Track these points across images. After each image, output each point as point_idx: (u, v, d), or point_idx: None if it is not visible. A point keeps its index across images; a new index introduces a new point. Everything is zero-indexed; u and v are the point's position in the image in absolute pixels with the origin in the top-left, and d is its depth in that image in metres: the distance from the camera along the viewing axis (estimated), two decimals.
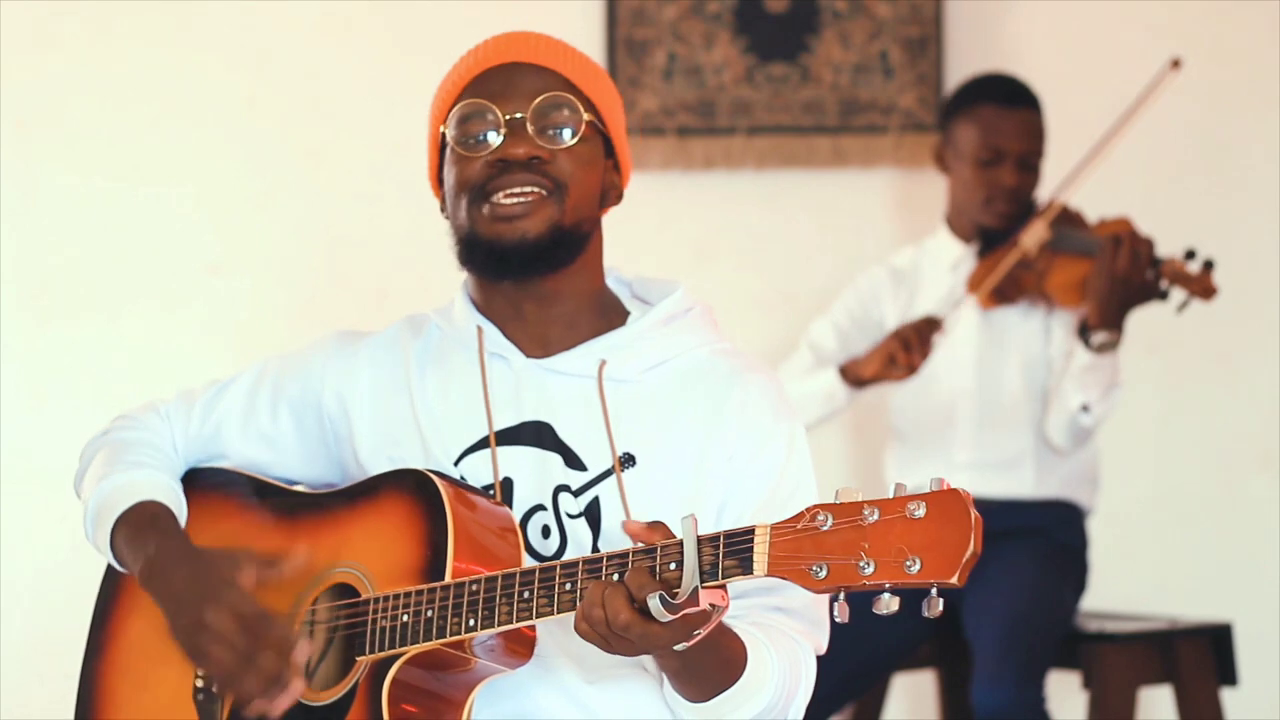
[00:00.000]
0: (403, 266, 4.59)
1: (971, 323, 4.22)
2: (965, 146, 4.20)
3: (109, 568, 2.46)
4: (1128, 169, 4.56)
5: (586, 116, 2.34)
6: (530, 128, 2.32)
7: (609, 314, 2.40)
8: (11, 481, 4.51)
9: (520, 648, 2.22)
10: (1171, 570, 4.69)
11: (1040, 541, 4.12)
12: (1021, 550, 4.06)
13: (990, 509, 4.16)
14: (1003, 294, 4.16)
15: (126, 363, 4.53)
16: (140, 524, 2.35)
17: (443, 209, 2.42)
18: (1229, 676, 4.08)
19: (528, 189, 2.31)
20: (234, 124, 4.60)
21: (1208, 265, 3.99)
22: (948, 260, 4.27)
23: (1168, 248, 4.16)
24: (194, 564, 2.28)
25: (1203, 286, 3.99)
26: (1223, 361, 4.24)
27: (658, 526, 2.06)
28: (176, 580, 2.28)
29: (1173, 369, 4.42)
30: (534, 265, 2.32)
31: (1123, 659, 3.99)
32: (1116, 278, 4.00)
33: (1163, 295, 4.03)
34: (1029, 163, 4.19)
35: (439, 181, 2.42)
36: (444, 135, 2.37)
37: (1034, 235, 4.13)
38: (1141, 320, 4.24)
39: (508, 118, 2.32)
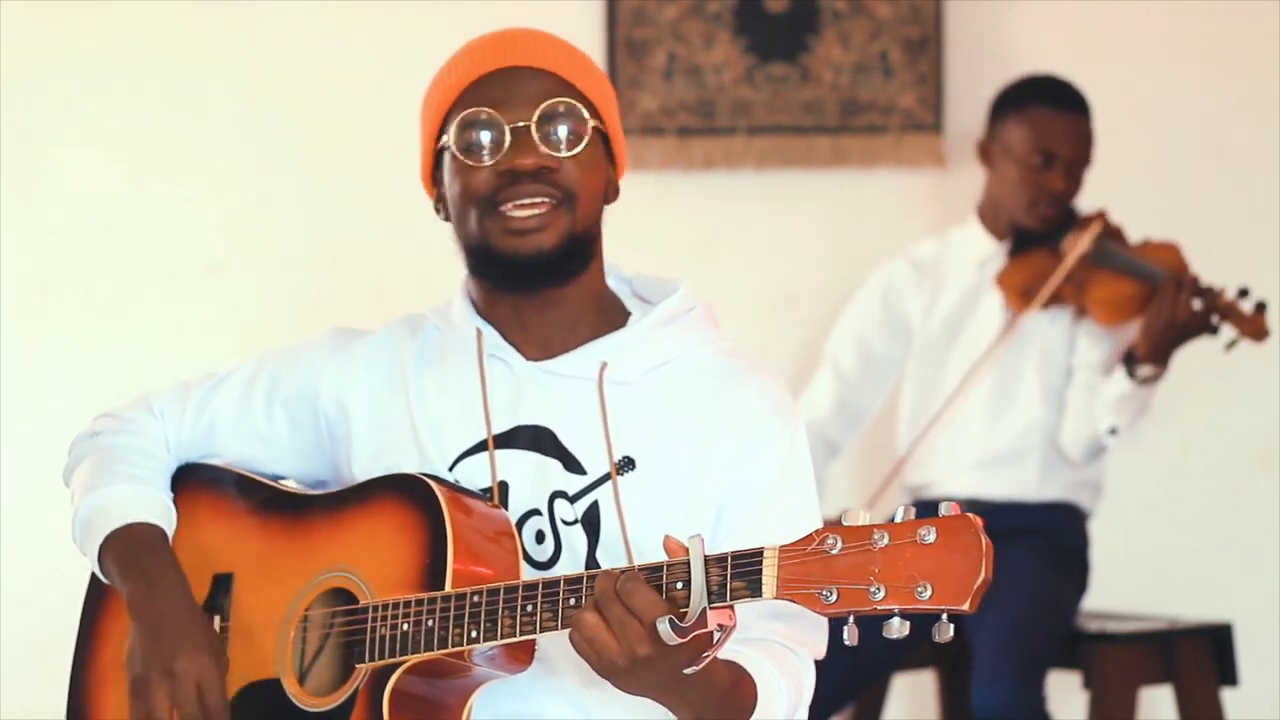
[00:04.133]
0: (402, 266, 4.59)
1: (995, 321, 4.21)
2: (1015, 146, 4.17)
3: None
4: (1127, 169, 4.56)
5: (591, 122, 2.31)
6: (535, 136, 2.28)
7: (609, 314, 2.38)
8: (11, 481, 4.51)
9: (522, 654, 2.21)
10: (1171, 570, 4.69)
11: (1041, 542, 4.12)
12: (1022, 550, 4.06)
13: (991, 509, 4.17)
14: (1033, 297, 4.15)
15: (127, 363, 4.53)
16: (134, 548, 2.35)
17: (437, 210, 2.40)
18: (1229, 676, 4.08)
19: (538, 199, 2.28)
20: (234, 123, 4.60)
21: (1260, 307, 3.98)
22: (976, 255, 4.25)
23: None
24: (188, 610, 2.30)
25: (1255, 328, 3.98)
26: (1222, 362, 4.23)
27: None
28: (169, 616, 2.29)
29: (1173, 369, 4.41)
30: (550, 277, 2.30)
31: (1123, 659, 3.99)
32: (1176, 321, 3.98)
33: (1213, 330, 4.02)
34: (1077, 169, 4.18)
35: (433, 181, 2.40)
36: (443, 142, 2.33)
37: (1077, 246, 4.12)
38: None
39: (511, 126, 2.28)
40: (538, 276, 2.30)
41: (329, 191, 4.63)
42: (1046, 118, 4.16)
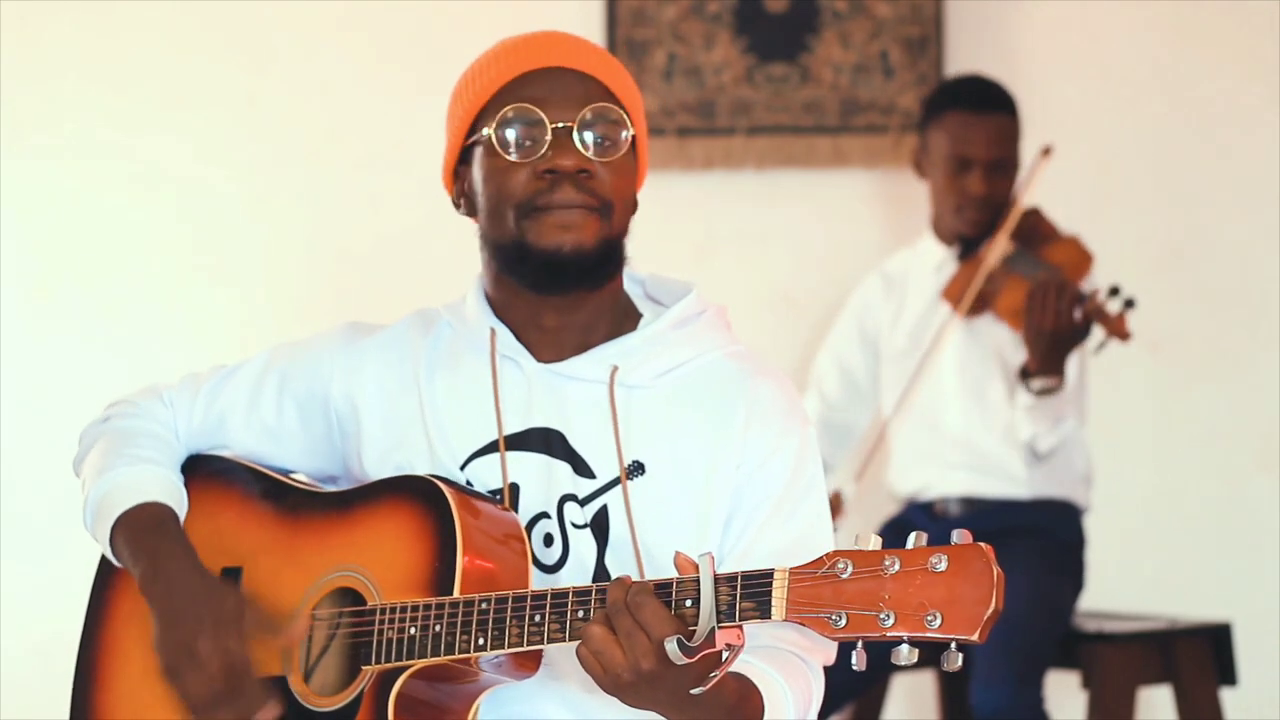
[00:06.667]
0: (403, 267, 4.59)
1: (954, 328, 4.22)
2: (936, 154, 4.20)
3: (103, 559, 2.45)
4: (1126, 170, 4.56)
5: (629, 131, 2.31)
6: (577, 138, 2.28)
7: (622, 317, 2.37)
8: (11, 482, 4.51)
9: (528, 662, 2.21)
10: (1171, 570, 4.69)
11: (1037, 541, 4.12)
12: (1019, 549, 4.06)
13: (986, 509, 4.18)
14: (973, 304, 4.16)
15: (127, 362, 4.53)
16: (143, 528, 2.34)
17: (456, 205, 2.39)
18: (1229, 676, 4.08)
19: (575, 207, 2.27)
20: (234, 124, 4.60)
21: (1128, 304, 3.94)
22: (933, 263, 4.28)
23: (1167, 249, 4.16)
24: (200, 585, 2.27)
25: (1117, 329, 3.93)
26: (1223, 361, 4.24)
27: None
28: (179, 594, 2.27)
29: (1172, 368, 4.42)
30: (585, 278, 2.30)
31: (1122, 659, 3.99)
32: (1044, 330, 3.96)
33: (1084, 334, 3.99)
34: (1000, 169, 4.16)
35: (454, 176, 2.38)
36: (480, 135, 2.31)
37: (996, 249, 4.13)
38: (1142, 319, 4.22)
39: (554, 126, 2.28)
40: (574, 277, 2.29)
41: (329, 192, 4.63)
42: (961, 122, 4.16)
